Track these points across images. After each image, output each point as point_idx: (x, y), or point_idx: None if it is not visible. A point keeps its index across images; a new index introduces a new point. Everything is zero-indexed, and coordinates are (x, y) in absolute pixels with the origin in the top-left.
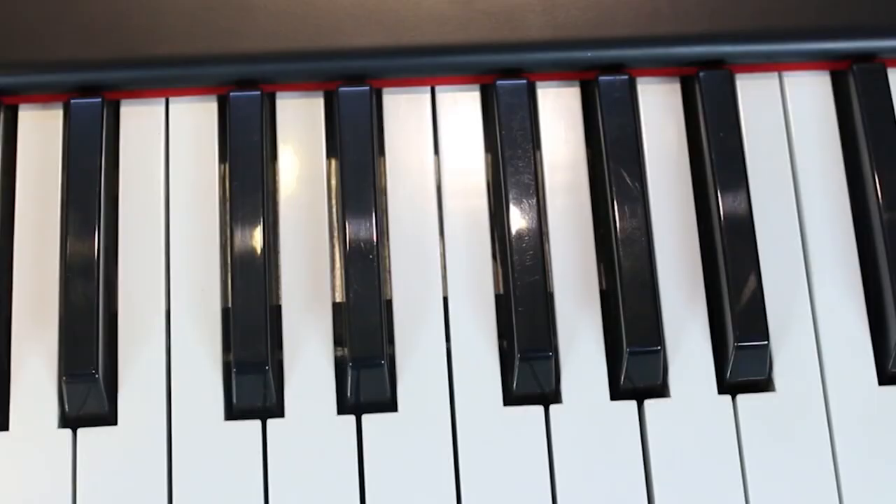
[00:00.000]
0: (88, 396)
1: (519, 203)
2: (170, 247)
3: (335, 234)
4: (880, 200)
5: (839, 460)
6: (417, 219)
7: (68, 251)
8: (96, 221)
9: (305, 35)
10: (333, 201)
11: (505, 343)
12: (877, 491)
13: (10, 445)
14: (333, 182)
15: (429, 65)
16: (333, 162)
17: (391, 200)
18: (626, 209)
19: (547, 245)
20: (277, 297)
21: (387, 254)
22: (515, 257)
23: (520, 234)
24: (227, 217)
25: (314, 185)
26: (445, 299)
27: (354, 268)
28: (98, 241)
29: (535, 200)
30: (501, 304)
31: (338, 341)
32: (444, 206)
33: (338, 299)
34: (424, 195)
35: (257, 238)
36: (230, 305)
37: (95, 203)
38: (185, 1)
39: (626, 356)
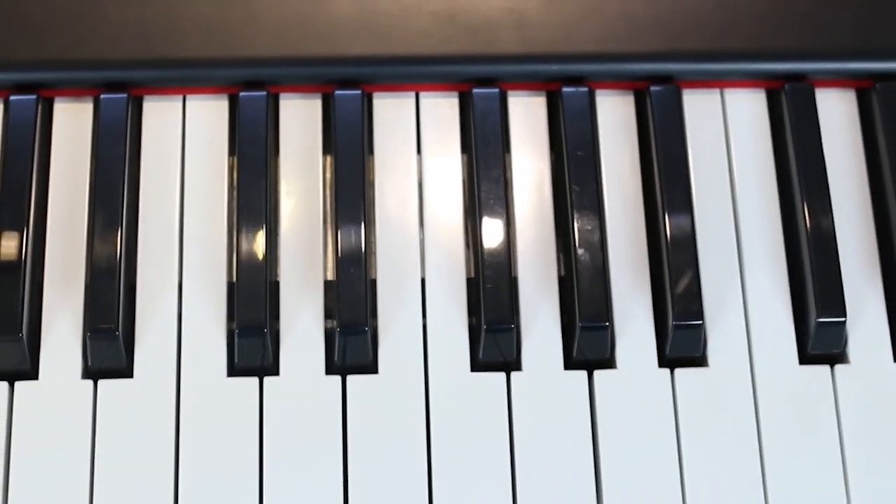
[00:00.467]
0: (108, 352)
1: (489, 197)
2: (183, 226)
3: (328, 220)
4: (805, 205)
5: (762, 428)
6: (400, 209)
7: (95, 226)
8: (120, 202)
9: (306, 44)
10: (328, 192)
11: (474, 319)
12: (794, 454)
13: (38, 392)
14: (328, 175)
15: (414, 73)
16: (329, 157)
17: (378, 192)
18: (583, 205)
19: (513, 234)
20: (276, 273)
21: (373, 239)
22: (485, 244)
23: (489, 224)
24: (235, 202)
25: (311, 176)
26: (423, 280)
27: (344, 250)
28: (121, 219)
29: (503, 195)
30: (472, 286)
31: (328, 315)
32: (424, 198)
33: (329, 277)
34: (407, 188)
35: (260, 221)
36: (235, 280)
37: (120, 186)
38: (203, 11)
39: (578, 331)
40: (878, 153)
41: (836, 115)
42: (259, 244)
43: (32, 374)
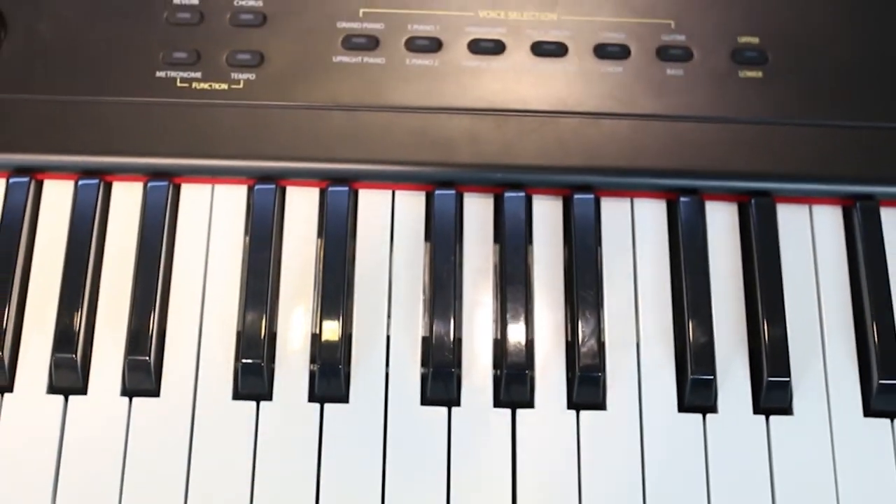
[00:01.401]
0: (142, 377)
1: (443, 275)
2: (206, 287)
3: (317, 287)
4: (688, 288)
5: (646, 461)
6: (373, 282)
7: (137, 282)
8: (158, 264)
9: (308, 148)
10: (318, 265)
11: (425, 368)
12: (673, 480)
13: (86, 405)
14: (320, 252)
15: (391, 175)
16: (321, 239)
17: (357, 269)
18: (515, 281)
19: (459, 305)
20: (275, 326)
21: (351, 304)
22: (437, 311)
23: (441, 296)
24: (246, 270)
25: (306, 253)
26: (388, 337)
27: (328, 312)
28: (157, 277)
29: (454, 274)
30: (426, 343)
31: (313, 360)
32: (392, 275)
33: (315, 332)
34: (380, 267)
35: (264, 286)
36: (242, 329)
37: (158, 251)
38: (229, 120)
39: (504, 377)
40: (752, 252)
41: (721, 222)
42: (262, 303)
43: (83, 390)
